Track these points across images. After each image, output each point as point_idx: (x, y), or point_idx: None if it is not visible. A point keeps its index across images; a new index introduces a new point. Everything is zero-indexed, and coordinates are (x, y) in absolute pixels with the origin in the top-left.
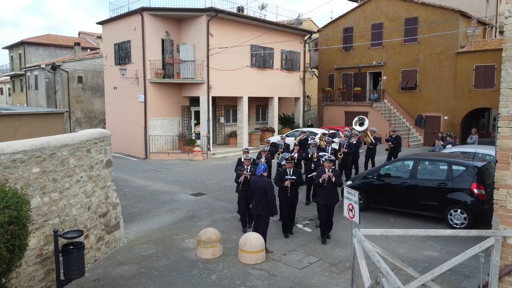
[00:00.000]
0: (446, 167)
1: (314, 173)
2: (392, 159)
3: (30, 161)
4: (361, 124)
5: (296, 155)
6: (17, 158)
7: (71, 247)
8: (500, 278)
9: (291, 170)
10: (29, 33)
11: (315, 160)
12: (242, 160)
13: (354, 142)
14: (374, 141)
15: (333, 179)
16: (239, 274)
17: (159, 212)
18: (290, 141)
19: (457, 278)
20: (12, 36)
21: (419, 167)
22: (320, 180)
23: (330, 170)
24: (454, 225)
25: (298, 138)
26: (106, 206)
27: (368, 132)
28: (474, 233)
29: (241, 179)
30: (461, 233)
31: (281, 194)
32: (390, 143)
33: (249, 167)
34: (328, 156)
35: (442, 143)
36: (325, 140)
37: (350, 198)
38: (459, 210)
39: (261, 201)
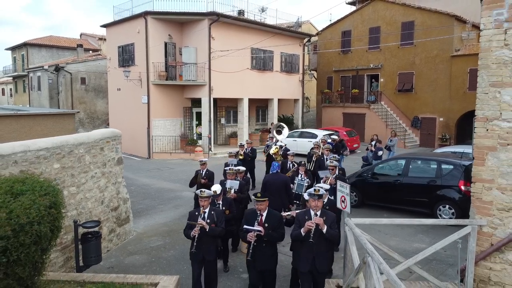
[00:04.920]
0: (435, 166)
1: (288, 213)
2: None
3: (51, 157)
4: (279, 132)
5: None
6: (41, 154)
7: (90, 235)
8: (476, 262)
9: (264, 214)
10: (29, 33)
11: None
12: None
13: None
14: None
15: (324, 229)
16: (241, 263)
17: (164, 208)
18: (289, 143)
19: (443, 267)
20: (12, 36)
21: (410, 166)
22: (303, 230)
23: (318, 214)
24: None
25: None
26: (117, 201)
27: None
28: (453, 221)
29: (196, 231)
30: (441, 222)
31: (247, 252)
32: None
33: (206, 211)
34: (315, 190)
35: (373, 149)
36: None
37: (343, 191)
38: (447, 206)
39: (277, 198)
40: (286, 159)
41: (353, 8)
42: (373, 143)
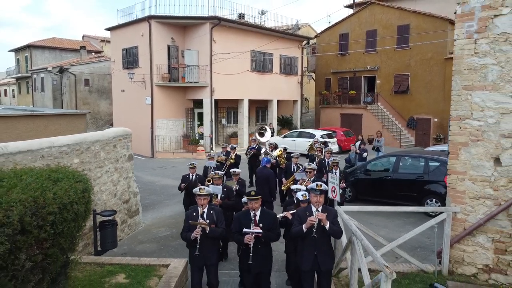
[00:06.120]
0: (423, 163)
1: (284, 214)
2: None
3: (72, 153)
4: (261, 135)
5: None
6: (63, 150)
7: (106, 223)
8: (451, 245)
9: (258, 213)
10: (30, 34)
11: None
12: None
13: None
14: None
15: (327, 225)
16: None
17: (170, 203)
18: (288, 142)
19: (426, 253)
20: (12, 36)
21: (400, 163)
22: (305, 226)
23: (320, 210)
24: (430, 213)
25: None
26: (128, 194)
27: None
28: (431, 209)
29: (197, 233)
30: (420, 209)
31: (242, 255)
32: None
33: (205, 211)
34: (317, 185)
35: (358, 151)
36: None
37: (333, 182)
38: (434, 200)
39: (264, 189)
40: (290, 162)
41: (351, 11)
42: (357, 144)
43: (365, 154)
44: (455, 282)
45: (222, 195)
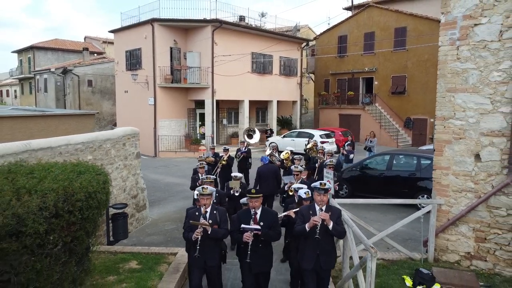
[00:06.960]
0: (416, 161)
1: (285, 214)
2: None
3: (86, 150)
4: (249, 136)
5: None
6: (78, 147)
7: (118, 215)
8: (436, 235)
9: (258, 212)
10: (30, 34)
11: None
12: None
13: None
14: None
15: (330, 225)
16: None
17: (174, 199)
18: (288, 142)
19: (416, 244)
20: (12, 37)
21: (394, 161)
22: (308, 226)
23: (324, 209)
24: (420, 207)
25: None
26: (136, 190)
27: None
28: (418, 201)
29: (198, 234)
30: (408, 201)
31: (241, 256)
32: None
33: (207, 211)
34: (321, 183)
35: (345, 152)
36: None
37: (328, 176)
38: (425, 196)
39: (269, 184)
40: (293, 164)
41: (350, 13)
42: (346, 144)
43: (351, 156)
44: (439, 268)
45: (214, 200)
